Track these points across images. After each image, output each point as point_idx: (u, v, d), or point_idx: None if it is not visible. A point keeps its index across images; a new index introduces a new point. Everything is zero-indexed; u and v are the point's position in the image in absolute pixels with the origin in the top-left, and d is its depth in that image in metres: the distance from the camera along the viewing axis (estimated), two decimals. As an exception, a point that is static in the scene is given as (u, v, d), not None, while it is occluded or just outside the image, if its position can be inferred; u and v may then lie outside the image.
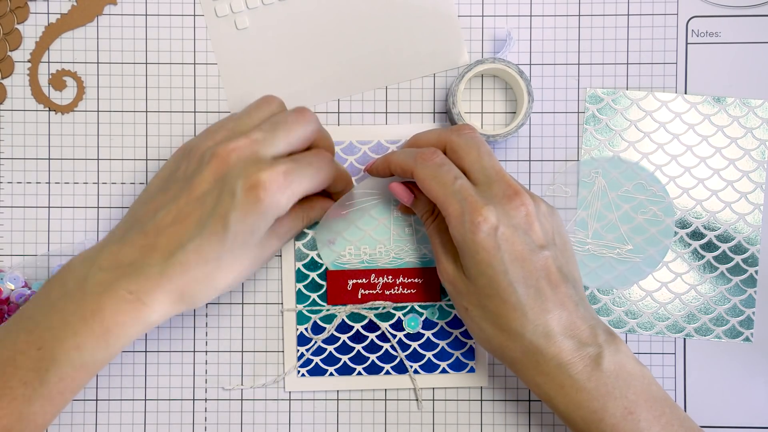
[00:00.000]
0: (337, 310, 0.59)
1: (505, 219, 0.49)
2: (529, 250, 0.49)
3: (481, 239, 0.48)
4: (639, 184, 0.59)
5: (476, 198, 0.49)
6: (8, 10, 0.59)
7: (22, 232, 0.59)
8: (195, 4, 0.59)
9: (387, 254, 0.59)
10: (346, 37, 0.59)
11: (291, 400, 0.59)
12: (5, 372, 0.47)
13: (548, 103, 0.59)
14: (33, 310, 0.49)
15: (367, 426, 0.59)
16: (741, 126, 0.59)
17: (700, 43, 0.59)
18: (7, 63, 0.59)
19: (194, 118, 0.59)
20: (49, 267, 0.59)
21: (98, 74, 0.59)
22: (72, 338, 0.48)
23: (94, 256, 0.50)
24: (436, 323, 0.59)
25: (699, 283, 0.59)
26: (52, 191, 0.59)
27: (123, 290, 0.48)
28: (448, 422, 0.59)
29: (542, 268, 0.49)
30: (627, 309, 0.59)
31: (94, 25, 0.59)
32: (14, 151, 0.59)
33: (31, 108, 0.59)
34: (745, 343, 0.59)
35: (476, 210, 0.49)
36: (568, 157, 0.59)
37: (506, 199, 0.49)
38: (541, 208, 0.51)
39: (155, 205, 0.51)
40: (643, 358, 0.59)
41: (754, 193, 0.59)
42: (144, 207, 0.51)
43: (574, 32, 0.59)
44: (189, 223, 0.49)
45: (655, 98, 0.59)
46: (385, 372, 0.59)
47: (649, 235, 0.59)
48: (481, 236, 0.48)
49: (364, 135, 0.59)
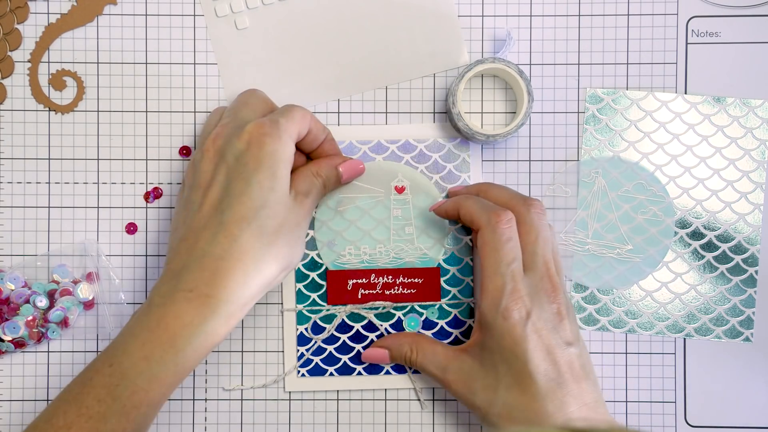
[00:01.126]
0: (337, 310, 0.59)
1: (538, 311, 0.50)
2: (555, 344, 0.50)
3: (512, 325, 0.49)
4: (639, 184, 0.59)
5: (521, 287, 0.50)
6: (8, 10, 0.59)
7: (22, 232, 0.59)
8: (195, 4, 0.59)
9: (387, 254, 0.59)
10: (346, 37, 0.59)
11: (291, 400, 0.59)
12: (82, 392, 0.48)
13: (548, 103, 0.59)
14: (114, 339, 0.51)
15: (367, 426, 0.59)
16: (741, 126, 0.59)
17: (700, 43, 0.59)
18: (7, 63, 0.59)
19: (194, 118, 0.59)
20: (49, 267, 0.59)
21: (98, 74, 0.59)
22: (140, 350, 0.48)
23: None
24: (436, 323, 0.59)
25: (699, 283, 0.59)
26: (52, 191, 0.59)
27: (182, 291, 0.48)
28: (448, 422, 0.59)
29: (567, 363, 0.50)
30: (627, 309, 0.59)
31: (94, 25, 0.59)
32: (14, 151, 0.59)
33: (31, 108, 0.59)
34: (745, 343, 0.59)
35: (516, 298, 0.50)
36: (568, 157, 0.59)
37: (544, 293, 0.51)
38: (572, 309, 0.53)
39: (181, 216, 0.52)
40: (643, 358, 0.59)
41: (754, 193, 0.59)
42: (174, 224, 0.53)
43: (574, 32, 0.59)
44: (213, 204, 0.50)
45: (655, 98, 0.59)
46: (385, 372, 0.59)
47: (649, 235, 0.59)
48: (511, 322, 0.49)
49: (364, 135, 0.59)
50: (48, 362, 0.59)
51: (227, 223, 0.49)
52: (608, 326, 0.59)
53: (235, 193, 0.49)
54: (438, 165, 0.59)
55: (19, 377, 0.59)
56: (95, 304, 0.58)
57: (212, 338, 0.49)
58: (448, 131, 0.59)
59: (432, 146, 0.59)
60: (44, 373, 0.59)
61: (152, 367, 0.48)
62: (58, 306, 0.57)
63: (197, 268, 0.49)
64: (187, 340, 0.48)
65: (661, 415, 0.59)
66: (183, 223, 0.51)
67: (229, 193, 0.50)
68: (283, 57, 0.59)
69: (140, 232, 0.59)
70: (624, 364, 0.59)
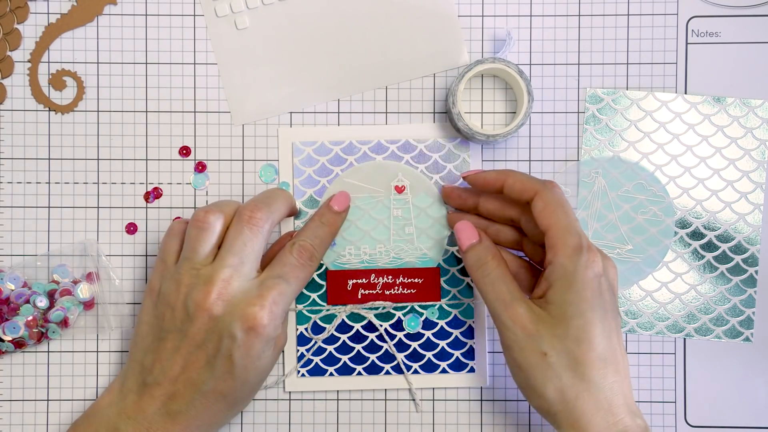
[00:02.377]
0: (337, 310, 0.59)
1: (606, 271, 0.51)
2: (613, 309, 0.50)
3: (591, 278, 0.49)
4: (639, 184, 0.59)
5: (590, 241, 0.50)
6: (8, 10, 0.59)
7: (22, 232, 0.59)
8: (195, 4, 0.59)
9: (387, 254, 0.59)
10: (346, 37, 0.59)
11: (291, 400, 0.59)
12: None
13: (548, 103, 0.59)
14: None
15: (367, 426, 0.59)
16: (741, 126, 0.59)
17: (700, 43, 0.59)
18: (7, 63, 0.59)
19: (194, 118, 0.59)
20: (49, 267, 0.59)
21: (98, 74, 0.59)
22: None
23: (119, 403, 0.53)
24: (436, 323, 0.59)
25: (699, 283, 0.59)
26: (52, 191, 0.59)
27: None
28: (448, 422, 0.59)
29: (617, 331, 0.50)
30: (627, 309, 0.59)
31: (94, 25, 0.59)
32: (14, 151, 0.59)
33: (31, 108, 0.59)
34: (745, 343, 0.59)
35: (593, 250, 0.50)
36: (568, 157, 0.59)
37: (604, 256, 0.51)
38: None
39: (159, 355, 0.52)
40: (643, 358, 0.59)
41: (754, 193, 0.59)
42: (149, 357, 0.53)
43: (574, 32, 0.59)
44: (198, 368, 0.51)
45: (655, 98, 0.59)
46: (385, 372, 0.59)
47: (649, 235, 0.59)
48: (592, 275, 0.49)
49: (364, 135, 0.59)
50: (48, 362, 0.59)
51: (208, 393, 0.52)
52: (608, 326, 0.59)
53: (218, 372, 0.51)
54: (438, 165, 0.59)
55: (19, 377, 0.59)
56: (95, 304, 0.58)
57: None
58: (448, 131, 0.59)
59: (432, 146, 0.59)
60: (44, 373, 0.59)
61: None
62: (58, 306, 0.57)
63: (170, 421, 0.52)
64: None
65: (661, 415, 0.59)
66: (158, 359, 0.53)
67: (212, 366, 0.51)
68: (283, 57, 0.59)
69: (140, 232, 0.59)
70: (624, 364, 0.59)
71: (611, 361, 0.49)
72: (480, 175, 0.55)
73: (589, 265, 0.49)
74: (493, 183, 0.54)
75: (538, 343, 0.49)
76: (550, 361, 0.49)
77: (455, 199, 0.57)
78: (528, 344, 0.49)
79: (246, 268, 0.52)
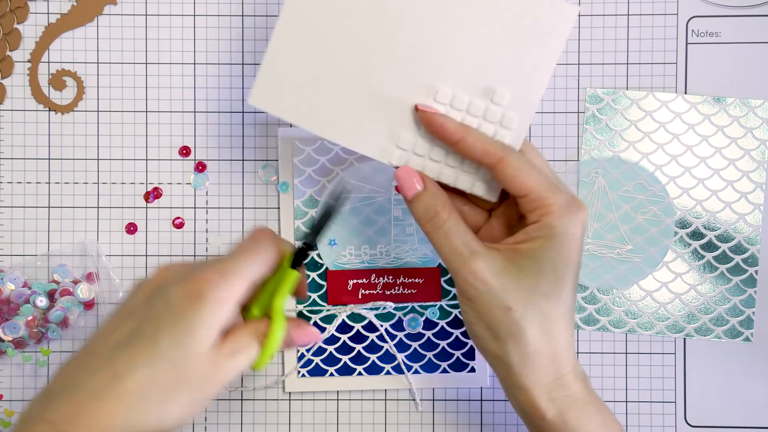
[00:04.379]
0: (338, 310, 0.59)
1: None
2: (581, 259, 0.49)
3: (579, 235, 0.47)
4: (639, 184, 0.59)
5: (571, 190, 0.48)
6: (8, 10, 0.59)
7: (22, 232, 0.59)
8: (195, 5, 0.59)
9: (387, 254, 0.59)
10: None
11: (291, 400, 0.59)
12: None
13: (548, 103, 0.59)
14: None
15: (367, 426, 0.59)
16: (741, 126, 0.59)
17: (700, 43, 0.59)
18: (7, 63, 0.59)
19: (194, 117, 0.59)
20: (49, 267, 0.59)
21: (98, 74, 0.59)
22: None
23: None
24: (437, 323, 0.59)
25: (699, 283, 0.59)
26: (52, 191, 0.59)
27: (42, 422, 0.41)
28: (448, 422, 0.59)
29: (577, 279, 0.49)
30: (627, 309, 0.59)
31: (94, 25, 0.59)
32: (14, 151, 0.59)
33: (31, 108, 0.59)
34: (745, 343, 0.59)
35: (581, 206, 0.47)
36: (568, 157, 0.59)
37: (581, 206, 0.48)
38: None
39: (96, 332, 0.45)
40: (643, 358, 0.59)
41: (754, 193, 0.59)
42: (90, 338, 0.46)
43: (574, 32, 0.59)
44: (119, 337, 0.43)
45: (655, 98, 0.59)
46: (386, 372, 0.59)
47: (649, 235, 0.59)
48: (581, 231, 0.47)
49: (364, 135, 0.59)
50: (48, 362, 0.59)
51: (116, 360, 0.42)
52: (608, 326, 0.59)
53: (142, 334, 0.42)
54: (438, 165, 0.59)
55: (19, 377, 0.59)
56: (95, 304, 0.58)
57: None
58: (448, 131, 0.59)
59: (432, 146, 0.59)
60: (44, 373, 0.59)
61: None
62: (58, 306, 0.57)
63: (65, 398, 0.41)
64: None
65: (661, 415, 0.59)
66: (89, 339, 0.45)
67: (136, 333, 0.43)
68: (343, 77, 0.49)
69: (140, 232, 0.59)
70: (624, 364, 0.59)
71: (572, 313, 0.48)
72: (438, 116, 0.48)
73: (579, 222, 0.47)
74: (451, 134, 0.48)
75: (501, 298, 0.46)
76: (514, 315, 0.46)
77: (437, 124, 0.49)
78: (490, 299, 0.47)
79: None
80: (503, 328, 0.47)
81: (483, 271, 0.47)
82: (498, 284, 0.47)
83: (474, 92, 0.48)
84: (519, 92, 0.48)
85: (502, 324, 0.47)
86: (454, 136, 0.48)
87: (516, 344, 0.47)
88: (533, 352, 0.47)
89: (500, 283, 0.47)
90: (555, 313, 0.47)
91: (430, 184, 0.49)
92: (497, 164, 0.47)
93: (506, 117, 0.48)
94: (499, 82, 0.48)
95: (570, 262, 0.47)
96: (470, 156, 0.48)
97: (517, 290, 0.47)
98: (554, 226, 0.47)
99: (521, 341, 0.47)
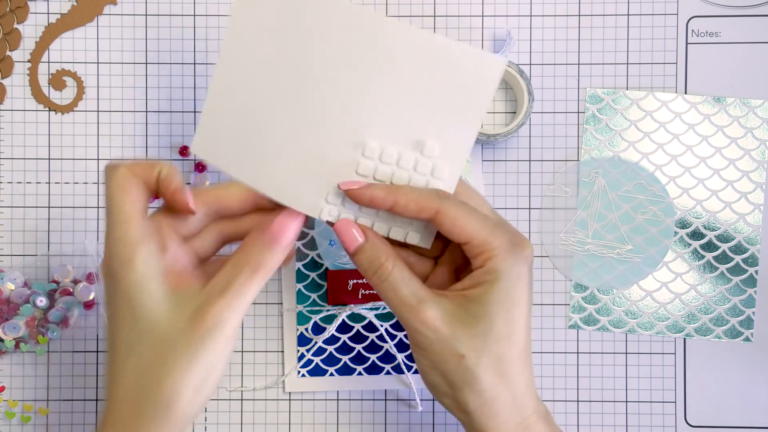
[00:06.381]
0: (338, 310, 0.59)
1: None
2: (531, 295, 0.48)
3: (525, 273, 0.46)
4: (639, 184, 0.59)
5: (513, 227, 0.47)
6: (8, 10, 0.59)
7: (22, 232, 0.59)
8: (195, 4, 0.59)
9: (387, 254, 0.58)
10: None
11: (291, 400, 0.59)
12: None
13: (548, 103, 0.59)
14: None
15: (367, 426, 0.59)
16: (741, 126, 0.59)
17: (700, 43, 0.59)
18: (7, 63, 0.59)
19: (194, 117, 0.59)
20: (49, 267, 0.59)
21: (98, 74, 0.59)
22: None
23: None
24: (436, 323, 0.59)
25: (699, 283, 0.59)
26: (52, 191, 0.59)
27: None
28: (448, 422, 0.59)
29: (530, 316, 0.48)
30: (627, 309, 0.59)
31: (94, 25, 0.59)
32: (14, 151, 0.59)
33: (31, 108, 0.59)
34: (745, 343, 0.59)
35: (524, 244, 0.46)
36: (568, 157, 0.59)
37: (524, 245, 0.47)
38: None
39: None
40: (643, 358, 0.59)
41: (754, 193, 0.59)
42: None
43: (574, 32, 0.59)
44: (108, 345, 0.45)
45: (655, 98, 0.59)
46: (386, 372, 0.59)
47: (649, 235, 0.59)
48: (526, 269, 0.46)
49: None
50: (48, 362, 0.59)
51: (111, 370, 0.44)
52: (608, 326, 0.59)
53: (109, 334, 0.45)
54: (438, 165, 0.59)
55: (19, 377, 0.59)
56: (95, 304, 0.58)
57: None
58: (448, 131, 0.59)
59: (432, 146, 0.59)
60: (44, 373, 0.59)
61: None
62: (58, 306, 0.57)
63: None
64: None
65: (661, 415, 0.59)
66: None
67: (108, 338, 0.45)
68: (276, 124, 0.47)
69: (140, 232, 0.59)
70: (624, 364, 0.59)
71: (528, 352, 0.48)
72: (365, 190, 0.46)
73: (523, 260, 0.46)
74: (381, 203, 0.46)
75: (453, 346, 0.46)
76: (468, 363, 0.46)
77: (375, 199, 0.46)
78: (443, 347, 0.46)
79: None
80: (458, 376, 0.46)
81: (433, 318, 0.46)
82: (449, 332, 0.46)
83: (403, 145, 0.46)
84: (449, 143, 0.46)
85: (457, 372, 0.46)
86: (385, 203, 0.46)
87: (472, 391, 0.46)
88: (491, 398, 0.46)
89: (451, 330, 0.46)
90: (510, 356, 0.46)
91: (372, 236, 0.47)
92: (435, 217, 0.46)
93: (437, 168, 0.46)
94: (428, 135, 0.46)
95: (519, 302, 0.46)
96: (406, 216, 0.47)
97: (469, 337, 0.46)
98: (498, 269, 0.46)
99: (477, 388, 0.46)
